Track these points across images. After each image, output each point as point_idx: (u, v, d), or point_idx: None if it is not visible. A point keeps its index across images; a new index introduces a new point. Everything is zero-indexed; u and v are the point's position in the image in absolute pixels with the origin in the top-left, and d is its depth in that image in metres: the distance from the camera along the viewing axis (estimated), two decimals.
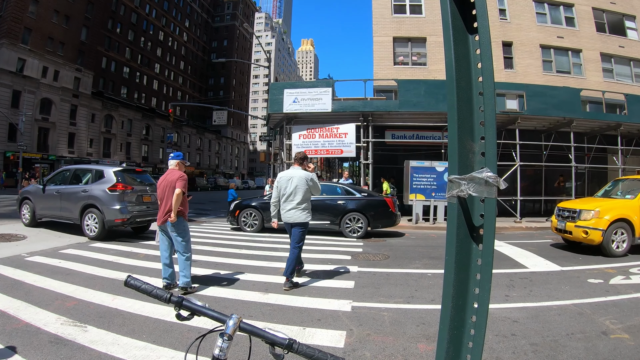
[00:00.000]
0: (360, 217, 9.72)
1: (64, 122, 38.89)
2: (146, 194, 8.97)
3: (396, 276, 5.79)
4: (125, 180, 8.58)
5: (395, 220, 10.07)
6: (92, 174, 8.75)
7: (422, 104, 13.34)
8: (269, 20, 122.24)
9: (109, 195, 8.19)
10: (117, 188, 8.28)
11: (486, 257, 0.81)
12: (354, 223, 9.77)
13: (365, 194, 10.51)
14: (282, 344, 0.92)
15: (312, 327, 3.65)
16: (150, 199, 9.00)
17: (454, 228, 0.86)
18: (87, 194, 8.37)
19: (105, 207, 8.12)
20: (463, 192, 0.83)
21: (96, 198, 8.23)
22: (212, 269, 5.98)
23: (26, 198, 9.54)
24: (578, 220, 7.64)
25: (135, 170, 9.91)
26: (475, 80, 0.85)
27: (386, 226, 10.14)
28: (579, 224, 7.58)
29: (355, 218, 9.76)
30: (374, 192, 12.11)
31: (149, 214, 8.92)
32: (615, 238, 7.29)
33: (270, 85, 15.83)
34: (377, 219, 9.85)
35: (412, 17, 18.91)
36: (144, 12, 52.60)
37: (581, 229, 7.50)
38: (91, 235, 8.22)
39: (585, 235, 7.41)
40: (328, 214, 9.87)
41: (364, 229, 9.67)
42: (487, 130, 0.82)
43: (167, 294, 1.03)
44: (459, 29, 0.88)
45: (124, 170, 8.98)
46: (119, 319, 3.70)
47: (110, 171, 8.59)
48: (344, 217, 9.79)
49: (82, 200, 8.36)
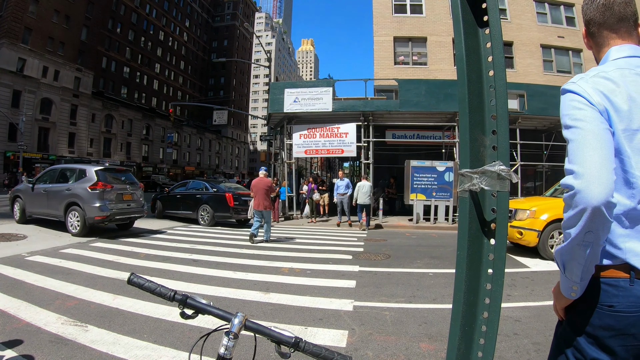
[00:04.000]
0: (207, 208, 11.84)
1: (64, 122, 38.87)
2: (126, 193, 9.16)
3: (398, 276, 5.77)
4: (106, 179, 8.82)
5: (230, 213, 11.67)
6: (76, 173, 8.97)
7: (422, 103, 13.33)
8: (269, 20, 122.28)
9: (90, 194, 8.40)
10: (98, 187, 8.50)
11: (499, 252, 0.80)
12: (205, 213, 11.85)
13: (215, 190, 12.27)
14: (288, 342, 0.90)
15: (314, 326, 3.63)
16: (131, 197, 9.26)
17: (466, 223, 0.84)
18: (70, 192, 8.61)
19: (87, 204, 8.34)
20: (475, 186, 0.82)
21: (78, 196, 8.47)
22: (213, 268, 5.97)
23: (17, 196, 9.89)
24: (513, 220, 7.15)
25: (116, 169, 10.12)
26: (486, 73, 0.84)
27: (224, 218, 11.84)
28: (514, 224, 7.09)
29: (205, 209, 11.90)
30: (233, 187, 13.43)
31: (130, 211, 9.21)
32: (553, 241, 6.82)
33: (271, 85, 15.82)
34: (218, 210, 11.74)
35: (413, 16, 18.91)
36: (144, 12, 52.58)
37: (516, 229, 7.02)
38: (74, 232, 8.42)
39: (520, 236, 6.98)
40: (191, 204, 12.29)
41: (211, 217, 11.66)
42: (499, 123, 0.81)
43: (171, 292, 1.01)
44: (470, 22, 0.87)
45: (105, 169, 9.20)
46: (119, 319, 3.68)
47: (92, 170, 8.80)
48: (199, 208, 12.00)
49: (66, 198, 8.60)
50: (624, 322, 0.97)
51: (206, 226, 11.61)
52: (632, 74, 1.04)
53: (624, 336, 0.98)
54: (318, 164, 31.09)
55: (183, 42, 62.72)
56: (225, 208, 11.61)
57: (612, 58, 1.11)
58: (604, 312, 1.00)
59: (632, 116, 0.99)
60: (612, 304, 0.99)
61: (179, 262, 6.31)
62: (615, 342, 0.99)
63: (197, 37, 67.47)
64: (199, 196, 12.32)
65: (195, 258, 6.69)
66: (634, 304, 0.97)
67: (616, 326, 0.99)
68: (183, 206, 12.66)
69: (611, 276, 1.01)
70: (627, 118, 0.99)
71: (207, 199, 12.02)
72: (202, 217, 11.91)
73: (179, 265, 6.11)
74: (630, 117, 0.99)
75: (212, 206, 11.79)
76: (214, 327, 1.00)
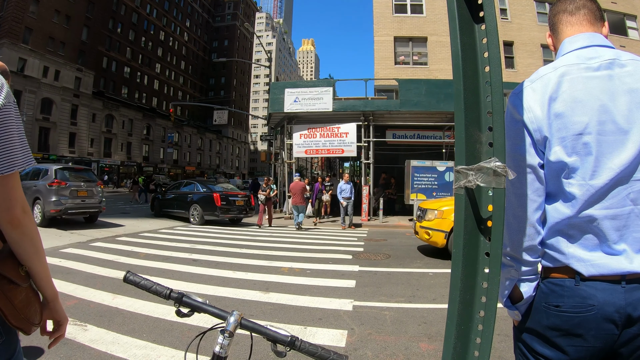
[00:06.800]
0: (197, 207, 12.16)
1: (64, 121, 38.92)
2: (81, 189, 10.27)
3: (397, 275, 5.76)
4: (65, 177, 10.02)
5: (217, 212, 11.88)
6: (42, 172, 10.08)
7: (423, 103, 13.31)
8: (270, 20, 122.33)
9: (48, 189, 9.57)
10: (54, 184, 9.67)
11: (495, 250, 0.79)
12: (196, 212, 12.19)
13: (205, 190, 12.51)
14: (284, 341, 0.90)
15: (314, 326, 3.63)
16: (86, 194, 10.40)
17: (462, 220, 0.84)
18: (35, 189, 9.73)
19: (45, 199, 9.54)
20: (471, 183, 0.81)
21: (40, 192, 9.66)
22: (212, 267, 5.97)
23: None
24: (423, 221, 6.99)
25: (75, 168, 11.43)
26: (482, 69, 0.83)
27: (212, 217, 12.02)
28: (424, 224, 6.94)
29: (195, 208, 12.23)
30: (226, 186, 13.77)
31: (84, 206, 10.34)
32: None
33: (271, 84, 15.82)
34: (206, 209, 12.03)
35: (413, 16, 18.89)
36: (145, 12, 52.62)
37: (424, 230, 6.87)
38: (36, 223, 9.46)
39: (428, 237, 6.80)
40: (184, 204, 12.68)
41: (200, 216, 11.99)
42: (495, 120, 0.80)
43: (167, 290, 1.01)
44: (465, 18, 0.86)
45: (63, 169, 10.49)
46: (119, 318, 3.68)
47: (53, 169, 9.99)
48: (190, 207, 12.34)
49: (33, 193, 9.70)
50: (570, 323, 0.97)
51: (197, 225, 11.82)
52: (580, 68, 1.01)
53: (571, 336, 0.98)
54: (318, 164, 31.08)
55: (183, 42, 62.76)
56: (213, 207, 11.86)
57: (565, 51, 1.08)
58: (551, 312, 1.00)
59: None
60: (558, 304, 0.99)
61: (179, 262, 6.31)
62: (564, 342, 0.99)
63: (198, 37, 67.50)
64: (190, 196, 12.65)
65: (195, 258, 6.69)
66: (580, 304, 0.96)
67: (563, 326, 0.98)
68: (177, 205, 13.03)
69: (558, 277, 1.01)
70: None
71: (198, 199, 12.32)
72: (192, 216, 12.24)
73: (179, 264, 6.12)
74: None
75: (202, 206, 12.08)
76: (213, 325, 1.00)
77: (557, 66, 1.03)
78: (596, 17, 1.10)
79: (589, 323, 0.95)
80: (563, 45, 1.10)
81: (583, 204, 0.96)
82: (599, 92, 0.96)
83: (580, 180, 0.96)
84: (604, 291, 0.95)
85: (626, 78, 0.96)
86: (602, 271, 0.95)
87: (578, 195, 0.96)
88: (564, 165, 0.97)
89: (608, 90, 0.96)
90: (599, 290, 0.95)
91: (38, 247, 0.97)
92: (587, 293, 0.96)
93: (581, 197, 0.96)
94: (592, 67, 0.99)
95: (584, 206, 0.96)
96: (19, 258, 0.94)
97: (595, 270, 0.96)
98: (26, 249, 0.94)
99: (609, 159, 0.94)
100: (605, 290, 0.94)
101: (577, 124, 0.96)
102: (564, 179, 0.99)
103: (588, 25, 1.09)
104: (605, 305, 0.94)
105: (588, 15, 1.09)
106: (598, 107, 0.95)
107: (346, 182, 12.12)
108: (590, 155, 0.95)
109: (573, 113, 0.96)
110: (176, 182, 15.53)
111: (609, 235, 0.96)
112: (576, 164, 0.96)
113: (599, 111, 0.95)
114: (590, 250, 0.98)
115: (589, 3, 1.11)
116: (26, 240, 0.93)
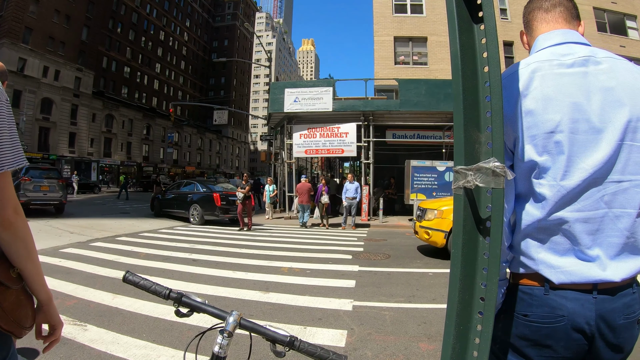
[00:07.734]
0: (197, 207, 12.19)
1: (64, 121, 38.91)
2: (43, 184, 12.28)
3: (397, 275, 5.77)
4: (30, 174, 12.03)
5: (217, 212, 11.90)
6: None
7: (423, 103, 13.31)
8: (270, 20, 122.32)
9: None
10: (21, 180, 11.51)
11: (493, 250, 0.79)
12: (195, 212, 12.21)
13: (205, 190, 12.53)
14: (283, 341, 0.90)
15: (313, 326, 3.63)
16: (48, 188, 12.36)
17: (461, 220, 0.84)
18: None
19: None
20: (469, 183, 0.81)
21: None
22: (212, 267, 5.97)
23: None
24: (423, 221, 6.99)
25: (41, 167, 13.73)
26: (481, 69, 0.83)
27: (211, 216, 12.06)
28: (423, 224, 6.94)
29: (195, 208, 12.26)
30: (225, 186, 13.77)
31: (45, 199, 12.36)
32: None
33: (271, 84, 15.82)
34: (206, 209, 12.05)
35: (413, 16, 18.89)
36: (145, 12, 52.61)
37: (424, 229, 6.87)
38: None
39: (428, 237, 6.79)
40: (184, 204, 12.72)
41: (200, 216, 12.03)
42: (494, 120, 0.81)
43: (166, 290, 1.01)
44: (464, 18, 0.86)
45: (31, 167, 12.65)
46: (119, 318, 3.68)
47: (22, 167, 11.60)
48: (190, 207, 12.38)
49: None
50: (539, 333, 0.93)
51: (197, 225, 11.82)
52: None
53: (540, 347, 0.93)
54: (318, 163, 31.06)
55: (183, 42, 62.74)
56: (213, 207, 11.86)
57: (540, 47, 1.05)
58: (520, 321, 0.96)
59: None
60: (526, 313, 0.95)
61: (179, 262, 6.31)
62: (533, 352, 0.94)
63: (198, 37, 67.49)
64: (190, 196, 12.66)
65: (195, 258, 6.69)
66: (549, 314, 0.92)
67: (531, 336, 0.94)
68: (177, 205, 13.05)
69: (527, 284, 0.97)
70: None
71: (198, 199, 12.32)
72: (192, 216, 12.26)
73: (179, 264, 6.12)
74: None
75: (202, 205, 12.09)
76: (212, 325, 1.00)
77: (529, 62, 0.99)
78: (572, 16, 1.07)
79: (558, 334, 0.91)
80: (537, 41, 1.07)
81: (554, 206, 0.92)
82: (572, 89, 0.92)
83: (551, 181, 0.91)
84: (574, 301, 0.91)
85: (601, 76, 0.93)
86: (573, 279, 0.91)
87: (549, 196, 0.92)
88: (535, 164, 0.93)
89: (582, 87, 0.92)
90: (569, 300, 0.91)
91: (30, 248, 0.94)
92: (556, 303, 0.92)
93: (552, 199, 0.92)
94: (565, 64, 0.95)
95: (555, 208, 0.92)
96: (10, 260, 0.91)
97: (566, 278, 0.91)
98: (18, 251, 0.91)
99: (582, 159, 0.90)
100: (576, 300, 0.91)
101: (548, 122, 0.92)
102: (534, 179, 0.94)
103: (564, 23, 1.06)
104: (575, 316, 0.90)
105: (564, 13, 1.06)
106: (571, 104, 0.91)
107: (350, 182, 12.06)
108: (562, 155, 0.91)
109: (544, 110, 0.92)
110: (176, 182, 15.56)
111: (581, 240, 0.91)
112: (547, 164, 0.92)
113: (572, 109, 0.91)
114: (561, 255, 0.93)
115: (565, 1, 1.08)
116: (18, 241, 0.91)
